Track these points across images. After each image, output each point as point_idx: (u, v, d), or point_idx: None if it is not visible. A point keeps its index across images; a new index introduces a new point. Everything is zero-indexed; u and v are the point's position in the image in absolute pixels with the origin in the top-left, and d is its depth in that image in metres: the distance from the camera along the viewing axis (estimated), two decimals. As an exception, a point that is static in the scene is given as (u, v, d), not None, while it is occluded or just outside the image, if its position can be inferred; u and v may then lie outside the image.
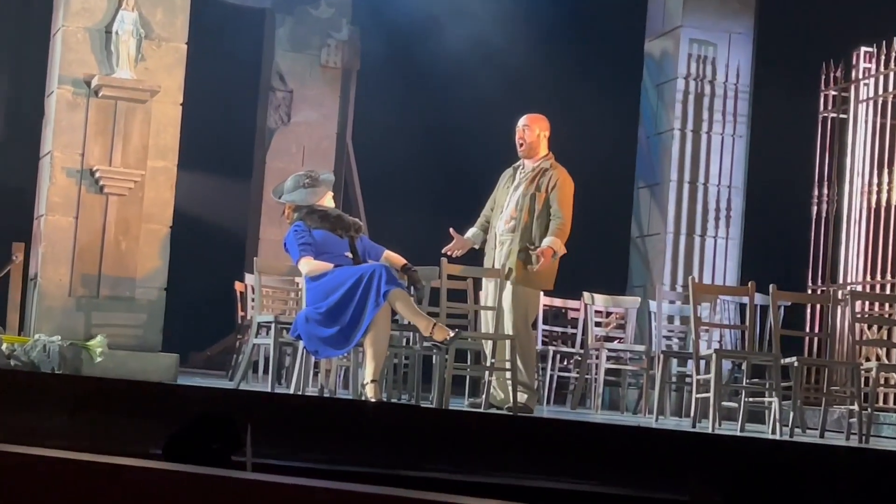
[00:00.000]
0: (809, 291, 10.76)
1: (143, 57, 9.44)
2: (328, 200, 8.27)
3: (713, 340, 10.57)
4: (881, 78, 10.55)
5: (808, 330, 10.55)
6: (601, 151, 12.46)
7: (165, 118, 9.52)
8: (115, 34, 9.37)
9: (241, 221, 14.57)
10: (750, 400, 8.57)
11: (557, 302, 11.02)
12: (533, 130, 8.64)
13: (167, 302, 9.57)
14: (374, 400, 7.47)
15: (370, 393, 7.56)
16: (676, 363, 10.35)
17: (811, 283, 10.85)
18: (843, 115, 10.83)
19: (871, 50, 10.63)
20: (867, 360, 9.55)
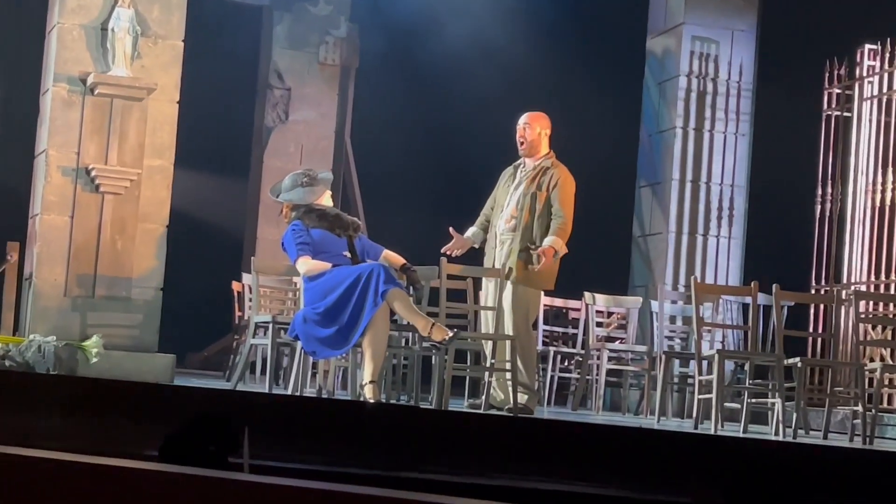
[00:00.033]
0: (813, 291, 10.76)
1: (139, 54, 9.42)
2: (326, 199, 8.25)
3: (715, 341, 10.52)
4: (885, 76, 10.55)
5: (811, 330, 10.57)
6: (602, 150, 12.47)
7: (162, 116, 9.50)
8: (110, 31, 9.35)
9: (238, 221, 14.56)
10: (753, 401, 8.55)
11: (558, 302, 11.02)
12: (534, 129, 8.64)
13: (164, 302, 9.56)
14: (372, 401, 7.46)
15: (369, 394, 7.55)
16: (678, 364, 10.35)
17: (815, 282, 10.85)
18: (847, 113, 10.84)
19: (875, 47, 10.63)
20: (871, 360, 9.56)
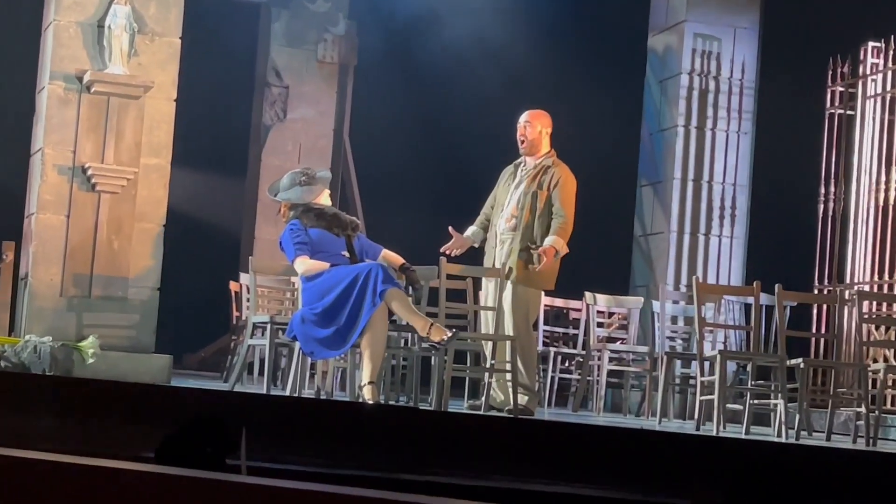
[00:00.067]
0: (816, 291, 10.76)
1: (136, 52, 9.40)
2: (325, 198, 8.23)
3: (717, 341, 10.50)
4: (889, 73, 10.57)
5: (814, 331, 10.58)
6: (603, 148, 12.49)
7: (159, 114, 9.48)
8: (107, 29, 9.33)
9: (235, 220, 14.56)
10: (755, 402, 8.56)
11: (559, 302, 11.02)
12: (535, 127, 8.64)
13: (160, 302, 9.55)
14: (371, 402, 7.44)
15: (368, 395, 7.54)
16: (680, 364, 10.35)
17: (817, 282, 10.86)
18: (850, 111, 10.84)
19: (878, 45, 10.65)
20: (875, 361, 9.60)
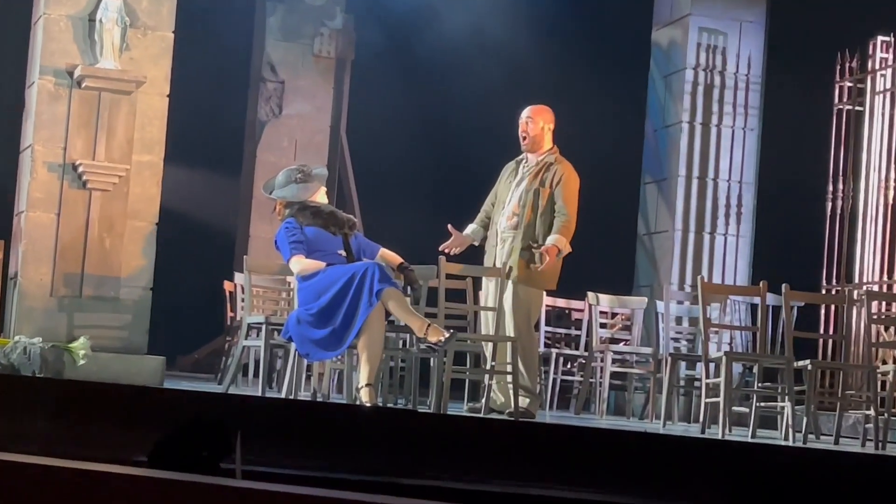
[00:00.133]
0: (823, 291, 10.77)
1: (128, 46, 9.37)
2: (321, 196, 8.19)
3: (723, 342, 10.57)
4: (898, 69, 10.65)
5: (822, 331, 10.60)
6: (606, 145, 12.55)
7: (151, 110, 9.45)
8: (98, 22, 9.29)
9: (230, 218, 14.62)
10: (761, 405, 8.59)
11: (561, 302, 11.05)
12: (537, 123, 8.68)
13: (153, 302, 9.53)
14: (369, 404, 7.40)
15: (365, 397, 7.49)
16: (685, 366, 10.34)
17: (825, 282, 10.87)
18: (858, 107, 10.85)
19: (887, 39, 10.65)
20: (884, 362, 9.57)
